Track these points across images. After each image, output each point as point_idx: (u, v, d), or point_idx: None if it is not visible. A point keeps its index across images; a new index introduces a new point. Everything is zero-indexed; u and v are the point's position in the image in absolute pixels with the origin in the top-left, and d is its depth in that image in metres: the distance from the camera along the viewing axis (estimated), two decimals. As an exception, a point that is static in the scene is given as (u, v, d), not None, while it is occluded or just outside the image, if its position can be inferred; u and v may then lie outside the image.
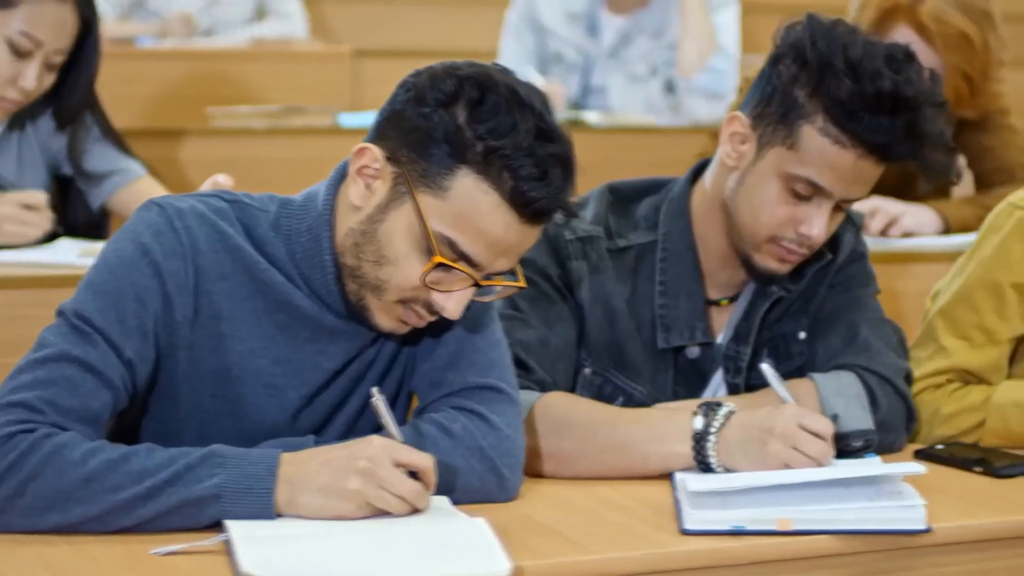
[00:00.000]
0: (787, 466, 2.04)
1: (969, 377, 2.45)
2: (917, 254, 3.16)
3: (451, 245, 1.95)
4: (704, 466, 2.10)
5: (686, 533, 1.91)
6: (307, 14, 5.16)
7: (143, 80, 4.51)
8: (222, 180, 2.73)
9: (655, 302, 2.36)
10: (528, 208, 1.94)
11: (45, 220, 3.06)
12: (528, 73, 4.27)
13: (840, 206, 2.29)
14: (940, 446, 2.33)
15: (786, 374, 2.37)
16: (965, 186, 3.61)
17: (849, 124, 2.20)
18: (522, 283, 2.06)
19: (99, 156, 3.24)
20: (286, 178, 2.95)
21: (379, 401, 1.94)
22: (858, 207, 3.20)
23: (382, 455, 1.88)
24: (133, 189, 3.20)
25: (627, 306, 2.36)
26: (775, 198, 2.27)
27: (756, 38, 4.55)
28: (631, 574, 1.85)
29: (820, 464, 2.04)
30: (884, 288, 3.01)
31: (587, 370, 2.35)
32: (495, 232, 1.95)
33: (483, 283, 2.00)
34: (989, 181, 3.42)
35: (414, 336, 2.11)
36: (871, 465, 2.02)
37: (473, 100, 1.94)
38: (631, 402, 2.34)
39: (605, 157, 4.03)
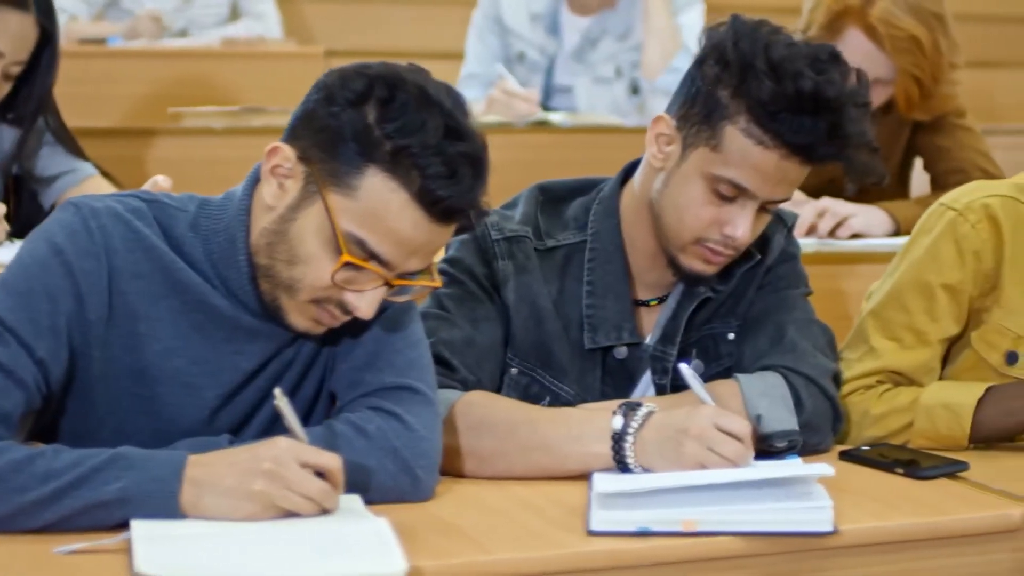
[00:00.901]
0: (703, 467, 2.04)
1: (899, 378, 2.44)
2: (866, 255, 3.16)
3: (361, 244, 1.95)
4: (622, 466, 2.10)
5: (592, 534, 1.91)
6: (282, 15, 5.15)
7: (114, 80, 4.50)
8: (161, 181, 2.74)
9: (583, 302, 2.36)
10: (437, 207, 1.95)
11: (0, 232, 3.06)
12: (502, 73, 4.27)
13: (766, 207, 2.29)
14: (866, 447, 2.32)
15: (715, 375, 2.38)
16: (923, 187, 3.62)
17: (771, 124, 2.20)
18: (437, 283, 2.06)
19: (49, 160, 3.25)
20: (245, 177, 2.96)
21: (282, 402, 1.94)
22: (809, 207, 3.25)
23: (287, 456, 1.88)
24: (83, 188, 3.21)
25: (554, 306, 2.36)
26: (699, 199, 2.27)
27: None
28: (531, 574, 1.85)
29: (736, 465, 2.04)
30: (832, 289, 3.03)
31: (514, 370, 2.35)
32: (404, 231, 1.95)
33: (395, 283, 2.00)
34: (944, 182, 3.42)
35: (334, 336, 2.11)
36: (780, 467, 2.02)
37: (382, 99, 1.95)
38: (558, 402, 2.34)
39: (570, 158, 4.04)
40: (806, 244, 3.15)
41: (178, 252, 2.06)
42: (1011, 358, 2.45)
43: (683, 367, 2.15)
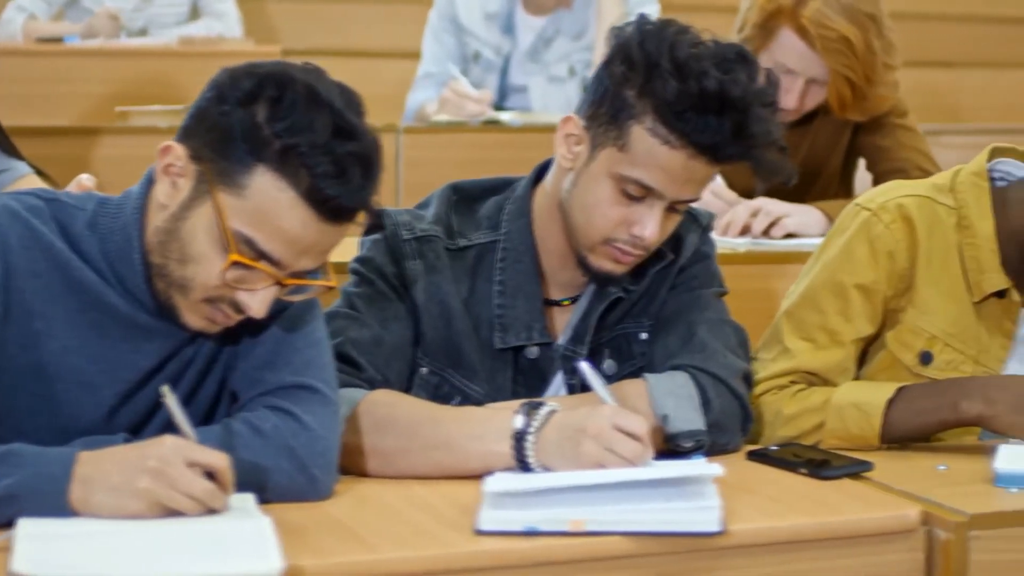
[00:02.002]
0: (601, 466, 2.03)
1: (813, 379, 2.44)
2: (798, 254, 3.14)
3: (250, 243, 1.95)
4: (523, 466, 2.09)
5: (480, 533, 1.90)
6: (245, 14, 5.16)
7: (71, 79, 4.52)
8: (85, 180, 2.73)
9: (493, 302, 2.36)
10: (325, 206, 1.94)
11: None
12: (453, 73, 4.27)
13: (675, 207, 2.29)
14: (774, 447, 2.32)
15: (629, 374, 2.38)
16: (867, 188, 3.61)
17: (677, 124, 2.20)
18: (332, 283, 2.06)
19: None
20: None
21: (170, 399, 1.94)
22: (743, 207, 3.25)
23: (173, 455, 1.88)
24: (16, 187, 3.20)
25: (465, 306, 2.36)
26: (607, 199, 2.27)
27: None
28: (415, 573, 1.84)
29: (634, 464, 2.04)
30: (764, 288, 3.03)
31: (424, 369, 2.35)
32: (293, 230, 1.95)
33: (286, 282, 2.00)
34: (885, 182, 3.40)
35: (235, 335, 2.11)
36: (669, 467, 2.00)
37: (271, 98, 1.94)
38: (468, 402, 2.33)
39: (521, 157, 4.01)
40: (739, 244, 3.16)
41: (75, 251, 2.06)
42: (925, 358, 2.45)
43: (583, 366, 2.15)
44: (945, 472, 2.24)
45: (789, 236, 3.22)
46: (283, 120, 1.93)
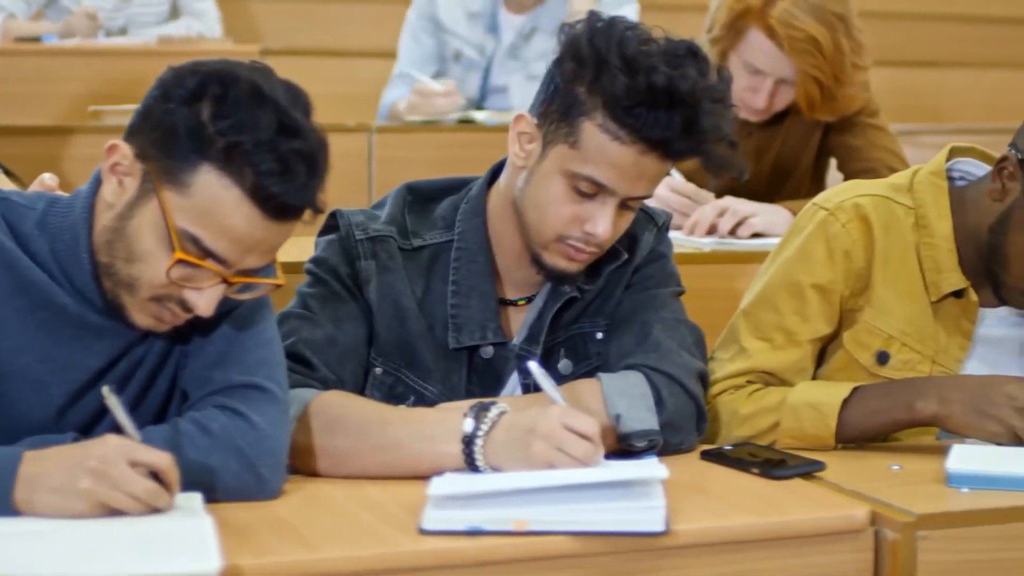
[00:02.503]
0: (551, 467, 2.03)
1: (770, 378, 2.44)
2: (763, 254, 3.12)
3: (195, 241, 1.95)
4: (473, 467, 2.09)
5: (423, 533, 1.90)
6: (227, 13, 5.16)
7: (50, 78, 4.52)
8: (48, 179, 2.72)
9: (448, 302, 2.36)
10: (270, 203, 1.94)
11: None
12: (416, 76, 4.26)
13: (628, 204, 2.29)
14: (728, 447, 2.31)
15: (584, 374, 2.38)
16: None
17: (627, 120, 2.20)
18: (280, 281, 2.06)
19: None
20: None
21: (111, 400, 1.94)
22: (710, 207, 3.25)
23: (115, 455, 1.87)
24: (-18, 187, 3.20)
25: (420, 306, 2.36)
26: (560, 197, 2.27)
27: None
28: (356, 572, 1.84)
29: (585, 464, 2.03)
30: (730, 288, 3.03)
31: (378, 369, 2.35)
32: (239, 228, 1.95)
33: (233, 280, 2.00)
34: (856, 181, 3.41)
35: (185, 334, 2.11)
36: (614, 468, 2.00)
37: (216, 96, 1.94)
38: (422, 402, 2.33)
39: (496, 156, 4.02)
40: (704, 243, 3.15)
41: (24, 250, 2.06)
42: (882, 358, 2.44)
43: (532, 366, 2.14)
44: (898, 472, 2.23)
45: (756, 236, 3.22)
46: (227, 118, 1.93)
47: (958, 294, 2.45)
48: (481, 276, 2.36)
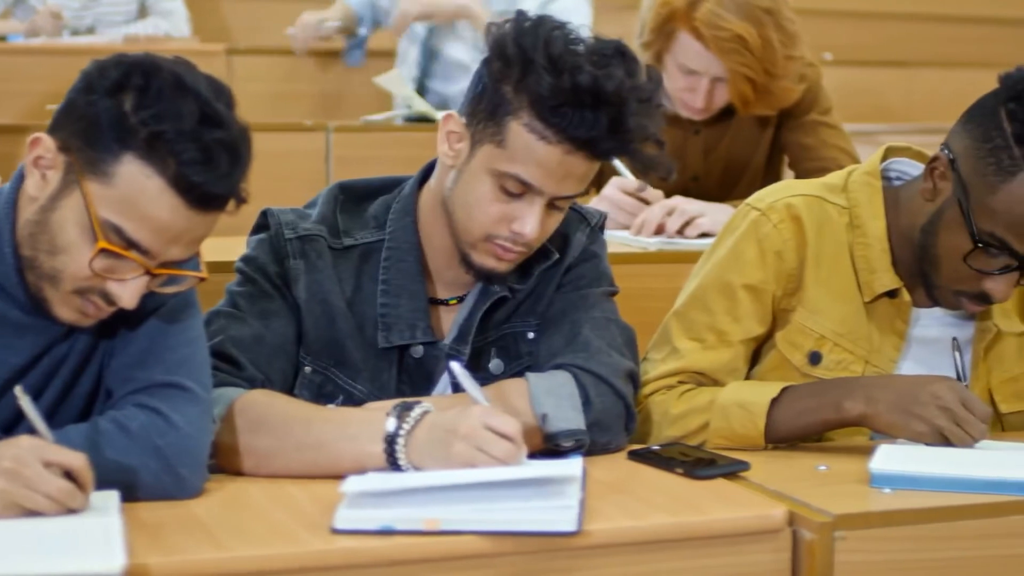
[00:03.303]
0: (472, 466, 2.03)
1: (702, 379, 2.44)
2: (710, 254, 3.15)
3: (118, 232, 1.96)
4: (395, 466, 2.09)
5: (336, 532, 1.89)
6: (197, 12, 5.16)
7: (13, 77, 4.52)
8: (0, 179, 2.73)
9: (377, 301, 2.36)
10: (192, 193, 1.95)
11: None
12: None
13: (556, 204, 2.28)
14: (656, 447, 2.31)
15: (516, 374, 2.37)
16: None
17: (552, 119, 2.20)
18: (203, 274, 2.06)
19: None
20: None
21: (23, 400, 1.93)
22: (658, 206, 3.24)
23: (28, 455, 1.87)
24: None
25: (349, 305, 2.35)
26: (487, 196, 2.27)
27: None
28: (264, 571, 1.83)
29: (506, 464, 2.03)
30: (675, 288, 3.01)
31: (307, 368, 2.35)
32: (161, 218, 1.95)
33: (156, 271, 2.00)
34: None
35: (110, 331, 2.11)
36: (527, 468, 2.00)
37: (138, 87, 1.96)
38: (351, 401, 2.33)
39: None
40: (651, 243, 3.15)
41: None
42: (814, 358, 2.44)
43: (453, 366, 2.14)
44: (825, 473, 2.23)
45: (704, 236, 3.21)
46: (149, 108, 1.94)
47: (892, 294, 2.45)
48: (411, 275, 2.36)
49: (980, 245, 2.30)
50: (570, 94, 2.18)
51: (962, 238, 2.32)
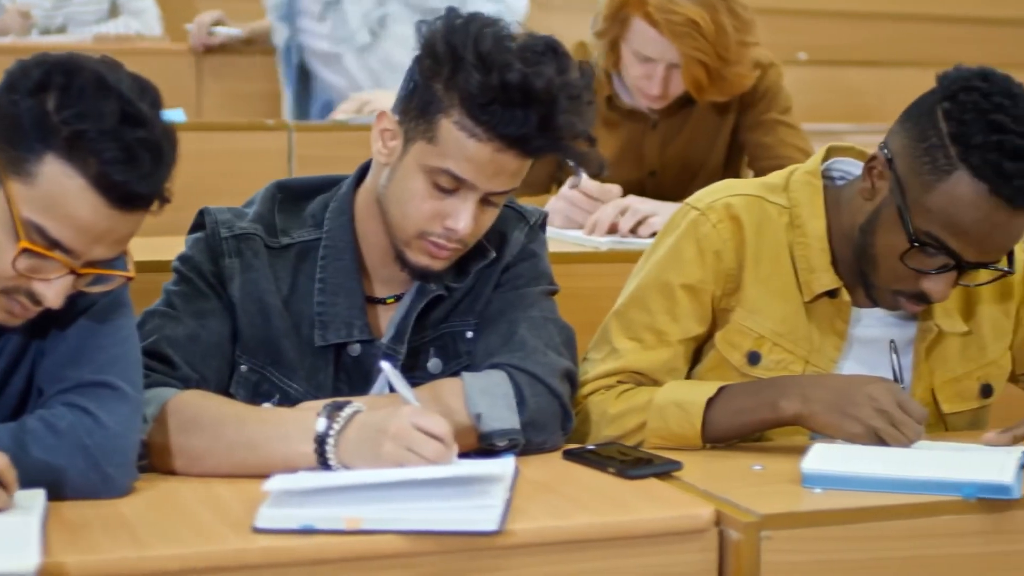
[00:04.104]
0: (401, 466, 2.03)
1: (641, 378, 2.43)
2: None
3: (41, 232, 1.96)
4: (326, 466, 2.09)
5: (257, 531, 1.89)
6: (164, 12, 5.16)
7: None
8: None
9: (314, 299, 2.36)
10: (114, 192, 1.95)
11: None
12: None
13: (490, 200, 2.29)
14: (591, 447, 2.31)
15: (454, 373, 2.37)
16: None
17: (482, 116, 2.20)
18: (131, 273, 2.06)
19: None
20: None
21: None
22: (611, 205, 3.24)
23: None
24: None
25: (285, 303, 2.35)
26: (420, 193, 2.27)
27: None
28: (182, 570, 1.83)
29: (435, 464, 2.03)
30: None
31: (243, 367, 2.35)
32: (84, 217, 1.95)
33: (81, 271, 2.00)
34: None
35: (42, 330, 2.11)
36: (452, 466, 2.00)
37: (60, 86, 1.96)
38: (287, 400, 2.33)
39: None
40: (602, 243, 3.15)
41: None
42: (753, 358, 2.44)
43: (383, 366, 2.14)
44: (759, 472, 2.23)
45: (656, 235, 3.21)
46: (71, 108, 1.94)
47: (832, 294, 2.44)
48: (347, 274, 2.36)
49: (916, 244, 2.30)
50: (499, 91, 2.18)
51: (899, 237, 2.31)
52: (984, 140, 2.24)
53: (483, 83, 2.18)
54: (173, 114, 3.79)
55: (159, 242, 2.57)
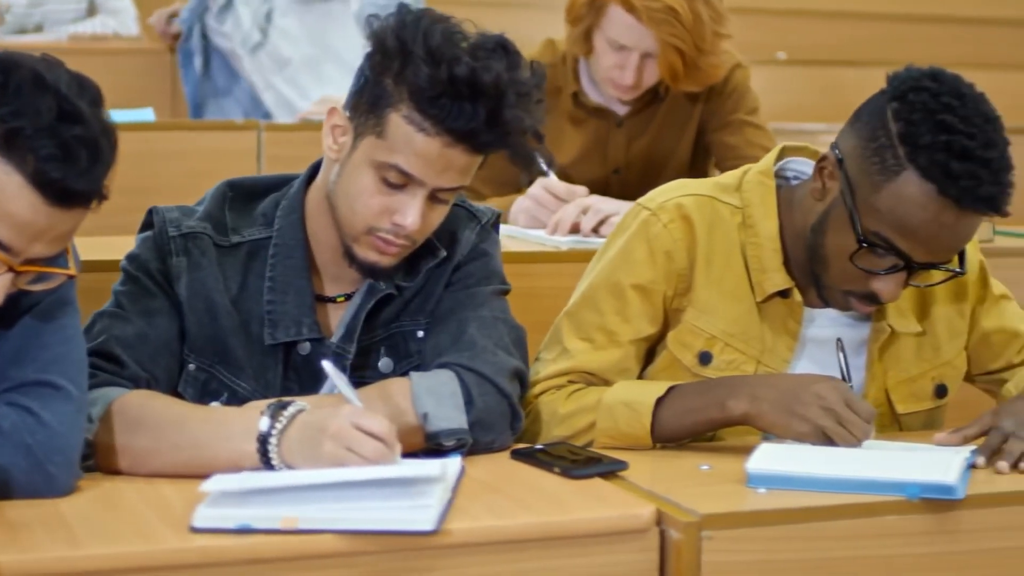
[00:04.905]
0: (341, 466, 2.03)
1: (592, 379, 2.43)
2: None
3: None
4: (269, 465, 2.09)
5: (194, 531, 1.89)
6: (141, 12, 5.16)
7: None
8: None
9: (263, 298, 2.36)
10: (51, 189, 1.95)
11: None
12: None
13: (439, 197, 2.29)
14: (540, 447, 2.31)
15: (404, 372, 2.37)
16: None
17: (431, 111, 2.21)
18: (72, 271, 2.06)
19: None
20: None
21: None
22: (572, 205, 3.24)
23: None
24: None
25: (235, 302, 2.35)
26: (369, 188, 2.27)
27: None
28: (117, 569, 1.83)
29: (376, 464, 2.03)
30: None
31: (191, 366, 2.35)
32: (22, 215, 1.95)
33: (20, 269, 2.00)
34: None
35: None
36: (391, 466, 2.00)
37: None
38: (235, 398, 2.33)
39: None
40: (562, 242, 3.15)
41: None
42: (704, 358, 2.44)
43: (326, 365, 2.14)
44: (706, 472, 2.23)
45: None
46: (7, 105, 1.94)
47: (784, 294, 2.44)
48: (297, 272, 2.36)
49: (866, 245, 2.29)
50: (448, 85, 2.19)
51: (849, 238, 2.31)
52: (932, 140, 2.24)
53: (432, 77, 2.19)
54: (142, 113, 3.83)
55: (100, 241, 2.57)
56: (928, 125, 2.25)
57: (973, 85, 2.34)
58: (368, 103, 2.26)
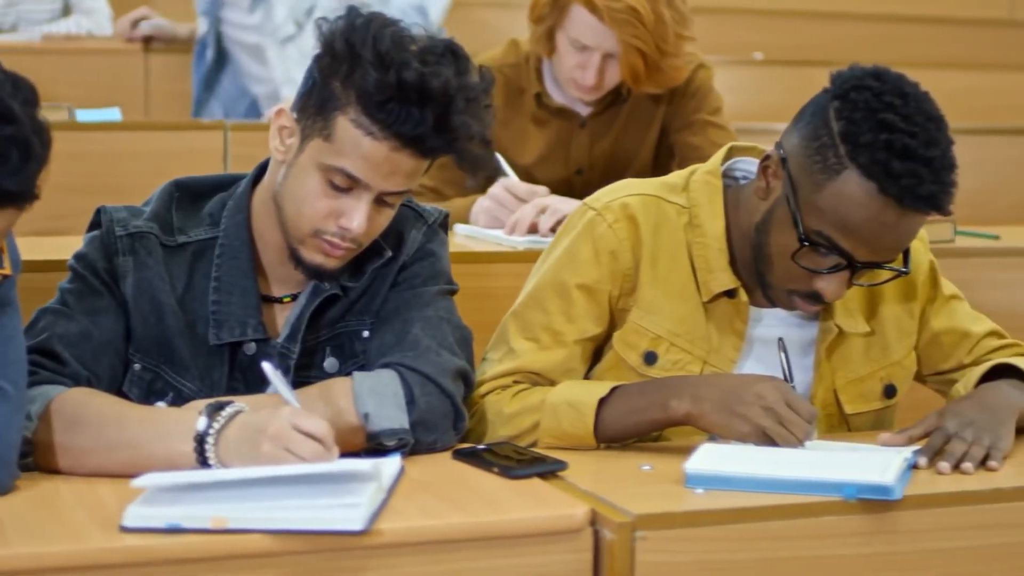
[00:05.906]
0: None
1: (538, 379, 2.43)
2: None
3: None
4: (206, 465, 2.09)
5: (124, 530, 1.89)
6: (117, 11, 5.16)
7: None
8: None
9: (209, 298, 2.36)
10: None
11: None
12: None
13: (386, 200, 2.29)
14: (484, 447, 2.30)
15: (349, 372, 2.37)
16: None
17: (379, 115, 2.21)
18: (6, 270, 2.06)
19: None
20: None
21: None
22: (530, 205, 3.23)
23: None
24: None
25: (180, 302, 2.35)
26: (315, 191, 2.27)
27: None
28: (45, 569, 1.83)
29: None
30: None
31: (137, 365, 2.35)
32: None
33: None
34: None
35: None
36: (318, 465, 1.99)
37: None
38: (181, 398, 2.33)
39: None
40: (519, 242, 3.14)
41: None
42: (649, 358, 2.44)
43: (265, 366, 2.14)
44: (647, 472, 2.23)
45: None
46: None
47: (730, 294, 2.44)
48: (243, 272, 2.36)
49: (808, 244, 2.29)
50: (396, 90, 2.19)
51: (791, 237, 2.31)
52: (873, 139, 2.24)
53: (380, 81, 2.19)
54: (108, 113, 3.81)
55: (48, 241, 2.57)
56: (869, 124, 2.25)
57: (917, 84, 2.34)
58: (316, 105, 2.26)
